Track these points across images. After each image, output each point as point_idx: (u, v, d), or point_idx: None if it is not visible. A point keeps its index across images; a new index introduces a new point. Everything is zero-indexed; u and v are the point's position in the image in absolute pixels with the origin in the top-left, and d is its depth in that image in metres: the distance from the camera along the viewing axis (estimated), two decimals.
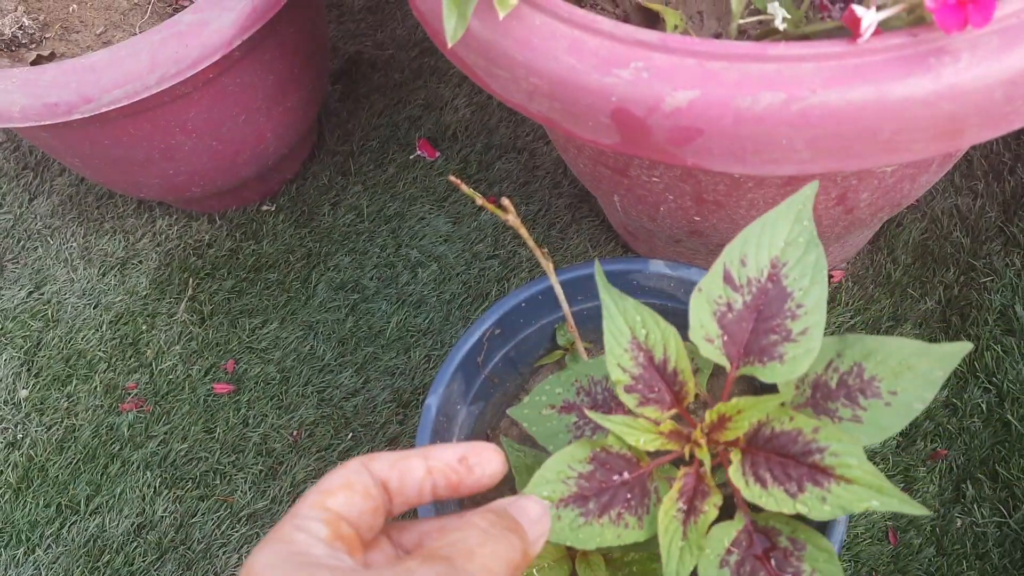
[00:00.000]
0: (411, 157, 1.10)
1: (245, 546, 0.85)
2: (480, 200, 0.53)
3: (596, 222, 1.01)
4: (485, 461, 0.37)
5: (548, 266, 0.59)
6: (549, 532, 0.37)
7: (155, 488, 0.90)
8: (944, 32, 0.48)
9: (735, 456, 0.43)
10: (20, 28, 0.83)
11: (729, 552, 0.43)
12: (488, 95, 1.13)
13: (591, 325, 0.74)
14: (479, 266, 1.00)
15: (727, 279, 0.45)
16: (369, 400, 0.92)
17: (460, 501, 0.70)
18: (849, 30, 0.51)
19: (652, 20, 0.71)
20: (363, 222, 1.05)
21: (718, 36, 0.69)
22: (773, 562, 0.42)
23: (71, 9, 0.87)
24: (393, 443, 0.89)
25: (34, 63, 0.83)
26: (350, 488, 0.34)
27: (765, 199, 0.67)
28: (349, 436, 0.90)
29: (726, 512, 0.45)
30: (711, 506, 0.43)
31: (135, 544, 0.87)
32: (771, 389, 0.47)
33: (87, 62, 0.74)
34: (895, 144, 0.51)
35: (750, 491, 0.42)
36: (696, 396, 0.47)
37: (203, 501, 0.88)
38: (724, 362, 0.44)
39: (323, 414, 0.92)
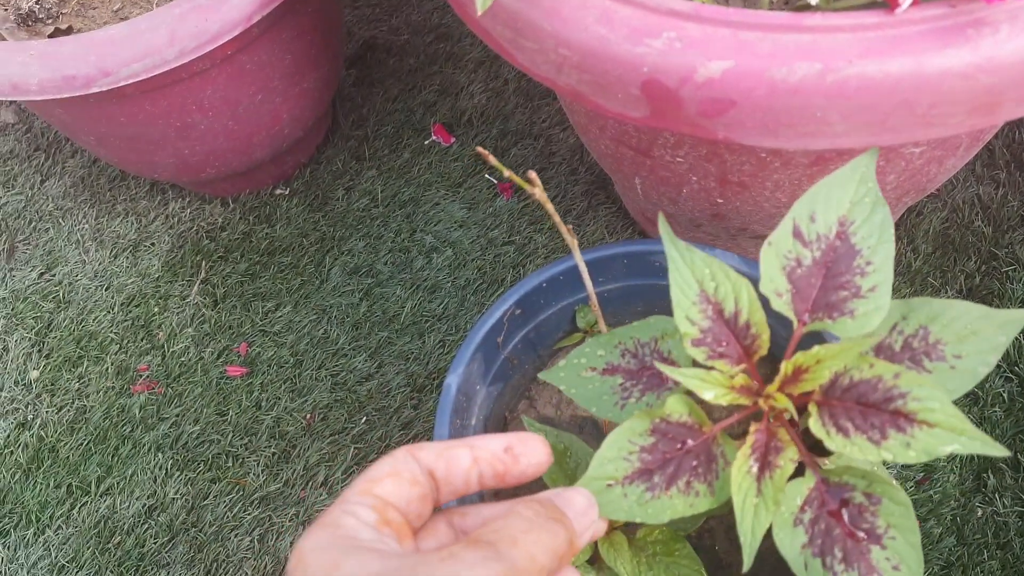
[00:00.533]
0: (426, 142, 1.09)
1: (257, 529, 0.84)
2: (508, 172, 0.53)
3: (613, 209, 1.00)
4: (531, 451, 0.37)
5: (573, 242, 0.58)
6: (595, 524, 0.37)
7: (167, 470, 0.89)
8: (985, 3, 0.47)
9: (812, 408, 0.43)
10: (38, 2, 0.82)
11: (802, 510, 0.42)
12: (504, 80, 1.12)
13: (611, 308, 0.74)
14: (494, 252, 0.99)
15: (796, 234, 0.45)
16: (383, 384, 0.92)
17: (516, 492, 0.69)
18: (885, 2, 0.50)
19: None
20: (377, 207, 1.04)
21: None
22: (847, 517, 0.42)
23: None
24: (407, 427, 0.89)
25: (51, 37, 0.82)
26: (397, 475, 0.35)
27: (791, 180, 0.66)
28: (363, 420, 0.90)
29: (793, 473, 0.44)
30: (786, 460, 0.43)
31: (146, 526, 0.86)
32: None
33: (106, 35, 0.73)
34: (931, 117, 0.51)
35: (832, 441, 0.41)
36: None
37: (215, 483, 0.88)
38: (792, 316, 0.44)
39: (337, 398, 0.91)
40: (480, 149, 0.52)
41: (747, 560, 0.40)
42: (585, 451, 0.65)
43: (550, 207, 0.55)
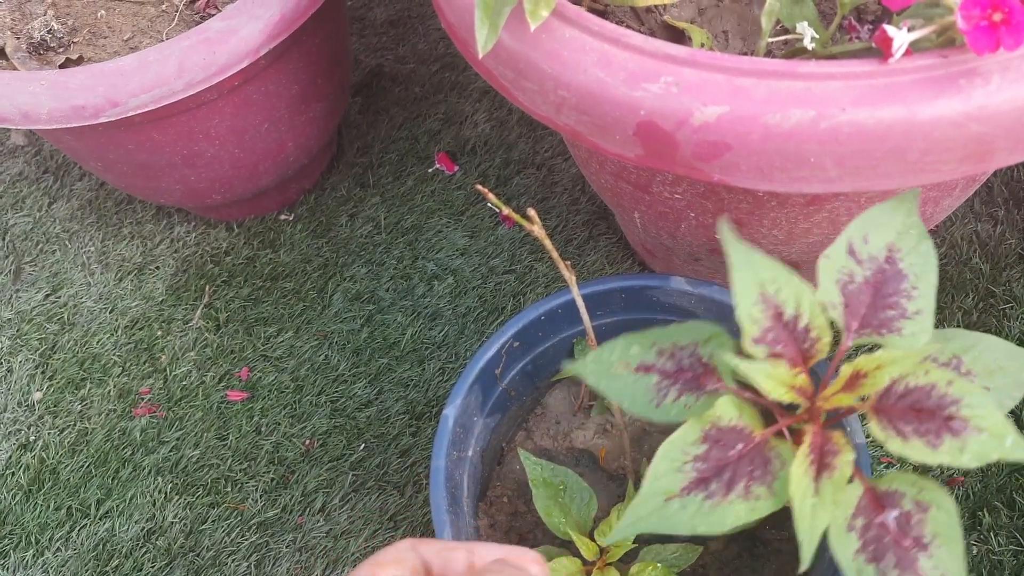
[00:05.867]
0: (429, 170, 1.10)
1: (254, 554, 0.85)
2: (507, 210, 0.54)
3: (613, 239, 1.01)
4: (522, 570, 0.39)
5: (571, 278, 0.59)
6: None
7: (166, 494, 0.89)
8: (976, 54, 0.48)
9: (870, 413, 0.45)
10: (49, 32, 0.83)
11: (855, 517, 0.44)
12: (508, 110, 1.13)
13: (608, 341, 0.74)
14: (495, 280, 1.00)
15: (851, 252, 0.47)
16: (382, 411, 0.92)
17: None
18: (879, 50, 0.51)
19: (678, 38, 0.71)
20: (380, 234, 1.05)
21: (744, 55, 0.70)
22: (894, 525, 0.43)
23: (99, 15, 0.88)
24: (405, 455, 0.89)
25: (62, 67, 0.83)
26: (400, 564, 0.38)
27: (788, 218, 0.67)
28: (362, 447, 0.90)
29: None
30: (843, 462, 0.44)
31: (144, 549, 0.87)
32: None
33: (115, 66, 0.75)
34: (923, 164, 0.51)
35: (893, 444, 0.43)
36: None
37: (214, 508, 0.88)
38: (843, 328, 0.47)
39: (336, 424, 0.92)
40: (479, 186, 0.53)
41: (805, 560, 0.41)
42: (581, 487, 0.66)
43: (548, 244, 0.56)
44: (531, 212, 0.54)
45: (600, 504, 0.71)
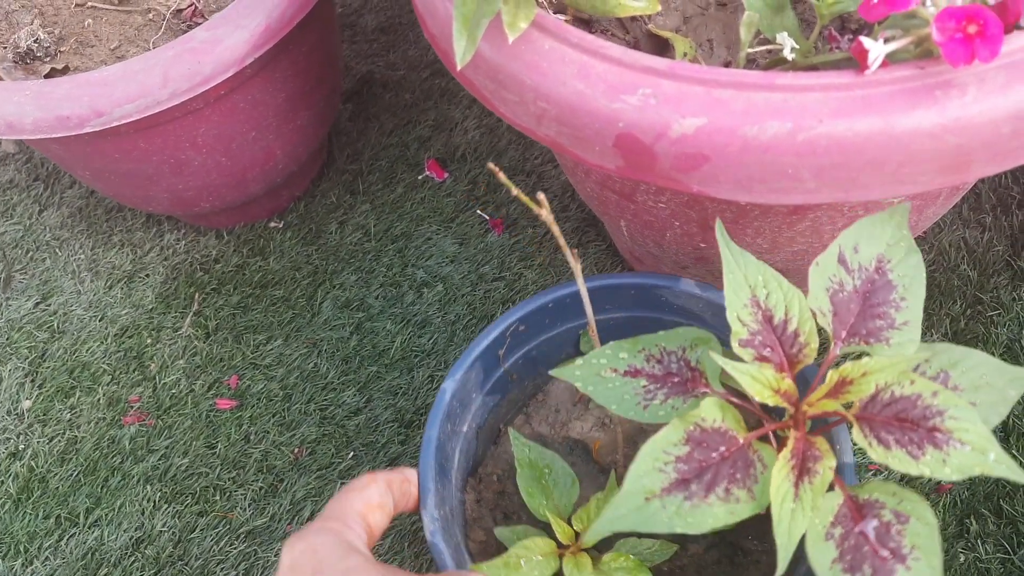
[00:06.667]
0: (419, 177, 1.10)
1: (243, 563, 0.85)
2: (516, 191, 0.53)
3: (603, 247, 1.01)
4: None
5: (576, 267, 0.58)
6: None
7: (155, 502, 0.89)
8: (951, 66, 0.48)
9: (853, 420, 0.45)
10: (35, 41, 0.84)
11: (833, 525, 0.44)
12: (498, 118, 1.13)
13: (614, 337, 0.74)
14: (484, 288, 1.00)
15: (841, 260, 0.48)
16: (371, 419, 0.92)
17: (466, 532, 0.70)
18: (857, 61, 0.51)
19: (662, 47, 0.71)
20: (370, 241, 1.05)
21: (727, 64, 0.70)
22: (873, 535, 0.43)
23: (86, 24, 0.88)
24: (394, 463, 0.89)
25: (48, 76, 0.83)
26: (383, 509, 0.52)
27: (771, 227, 0.67)
28: (350, 455, 0.90)
29: None
30: (825, 468, 0.44)
31: (133, 558, 0.86)
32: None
33: (100, 76, 0.75)
34: (901, 176, 0.51)
35: (875, 452, 0.43)
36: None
37: (202, 517, 0.88)
38: (832, 336, 0.48)
39: (325, 432, 0.92)
40: (491, 165, 0.53)
41: (782, 564, 0.42)
42: (565, 472, 0.66)
43: (556, 229, 0.55)
44: (540, 196, 0.53)
45: (584, 493, 0.71)
